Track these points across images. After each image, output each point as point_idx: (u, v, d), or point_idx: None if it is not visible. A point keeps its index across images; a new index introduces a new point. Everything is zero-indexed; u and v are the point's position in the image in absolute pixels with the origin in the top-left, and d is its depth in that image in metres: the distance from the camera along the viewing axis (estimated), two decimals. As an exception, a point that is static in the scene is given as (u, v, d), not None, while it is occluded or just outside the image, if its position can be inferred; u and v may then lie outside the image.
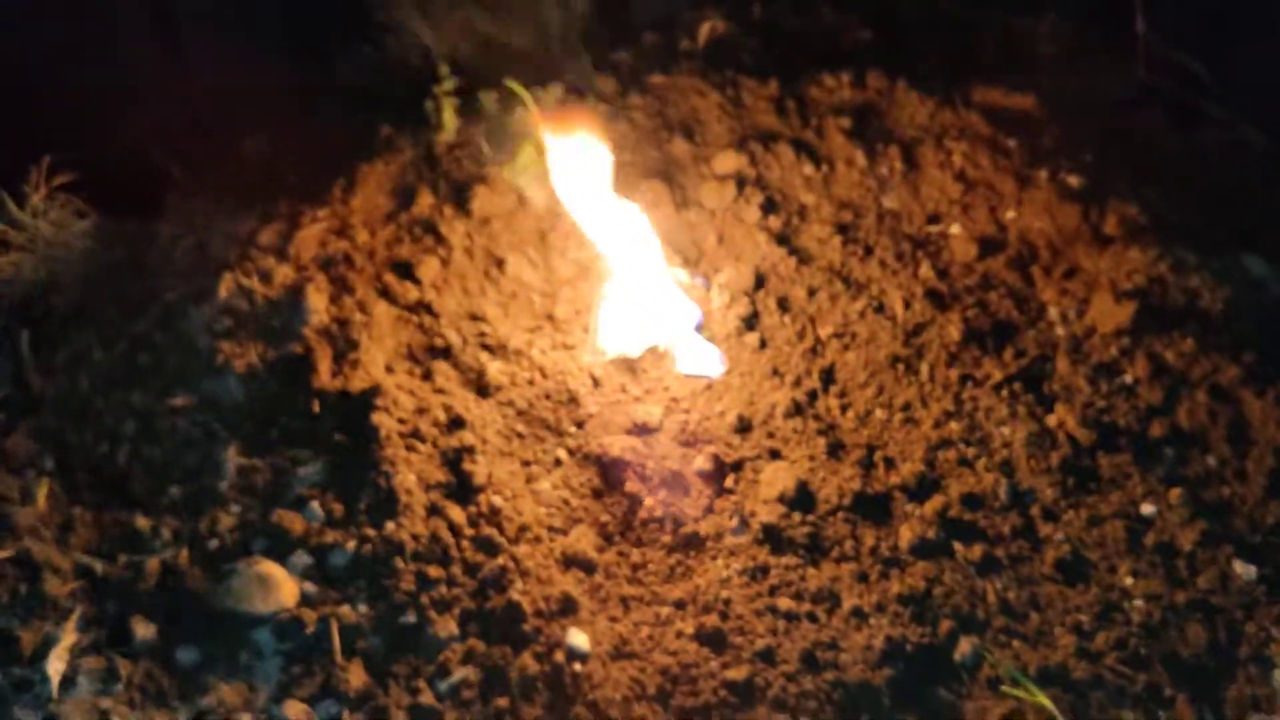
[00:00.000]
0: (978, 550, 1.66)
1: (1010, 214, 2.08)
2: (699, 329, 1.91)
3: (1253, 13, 2.58)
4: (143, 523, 1.70)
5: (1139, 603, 1.61)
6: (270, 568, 1.61)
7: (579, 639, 1.52)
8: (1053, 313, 1.95)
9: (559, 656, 1.50)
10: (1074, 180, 2.12)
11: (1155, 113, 2.44)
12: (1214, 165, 2.35)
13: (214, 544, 1.67)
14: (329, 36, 2.48)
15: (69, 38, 2.42)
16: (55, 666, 1.53)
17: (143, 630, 1.59)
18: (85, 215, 2.20)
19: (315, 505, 1.68)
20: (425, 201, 2.07)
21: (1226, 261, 2.05)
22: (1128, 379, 1.85)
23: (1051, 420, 1.80)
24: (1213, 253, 2.06)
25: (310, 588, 1.60)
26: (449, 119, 2.20)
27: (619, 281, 1.90)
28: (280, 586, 1.59)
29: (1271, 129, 2.43)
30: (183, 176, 2.28)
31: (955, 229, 2.07)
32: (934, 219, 2.10)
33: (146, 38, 2.53)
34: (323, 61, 2.49)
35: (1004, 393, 1.83)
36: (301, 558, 1.63)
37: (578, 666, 1.50)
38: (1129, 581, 1.63)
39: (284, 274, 1.96)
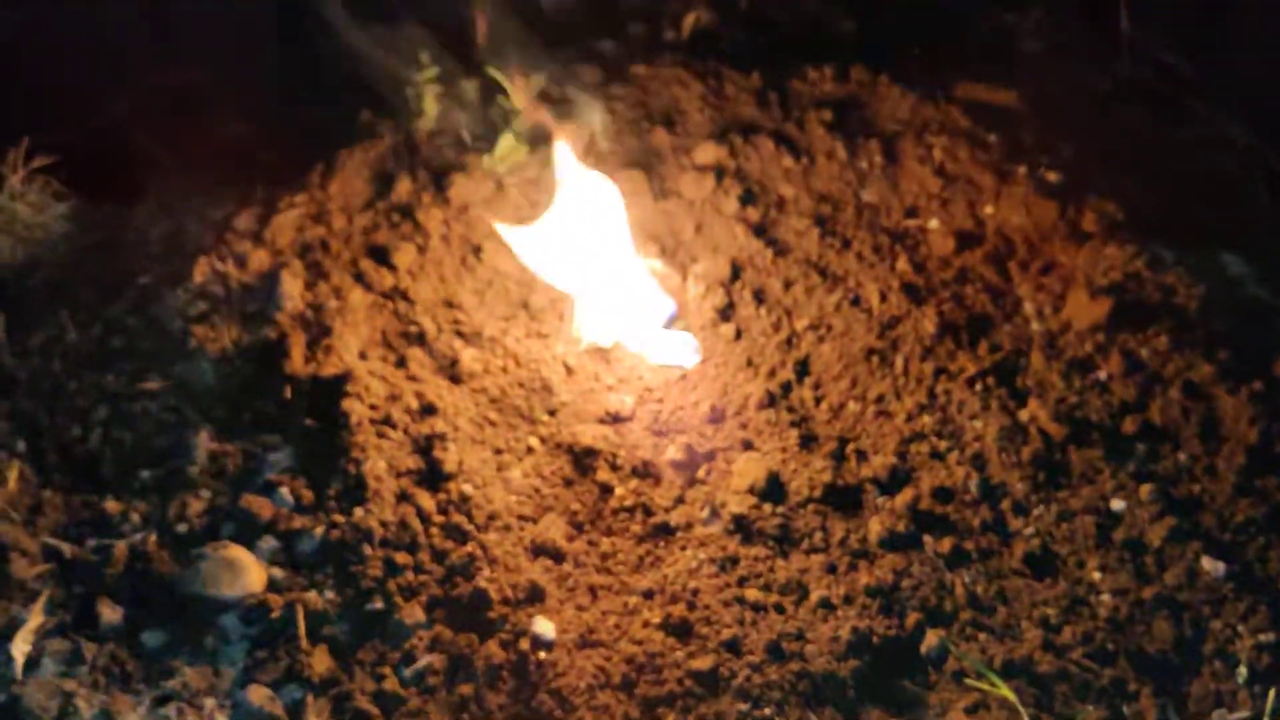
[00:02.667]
0: (947, 543, 1.65)
1: (989, 209, 2.08)
2: (674, 319, 1.91)
3: (1237, 11, 2.59)
4: (112, 506, 1.69)
5: (1106, 598, 1.61)
6: (238, 552, 1.60)
7: (545, 627, 1.52)
8: (1028, 308, 1.95)
9: (524, 644, 1.50)
10: (1053, 176, 2.12)
11: (1138, 109, 2.44)
12: (1195, 161, 2.35)
13: (183, 528, 1.66)
14: (312, 28, 2.48)
15: (51, 21, 2.41)
16: (20, 648, 1.52)
17: (109, 613, 1.58)
18: (64, 198, 2.20)
19: (285, 490, 1.68)
20: (404, 188, 2.07)
21: (1203, 258, 2.05)
22: (1101, 375, 1.85)
23: (1024, 415, 1.80)
24: (1190, 249, 2.06)
25: (278, 573, 1.60)
26: (430, 106, 2.19)
27: (595, 270, 1.89)
28: (248, 571, 1.59)
29: (1254, 125, 2.44)
30: (162, 162, 2.27)
31: (933, 223, 2.07)
32: (912, 213, 2.10)
33: (129, 23, 2.53)
34: (306, 52, 2.49)
35: (977, 387, 1.83)
36: (269, 543, 1.63)
37: (543, 654, 1.49)
38: (1097, 576, 1.64)
39: (259, 259, 1.95)
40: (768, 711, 1.46)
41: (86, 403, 1.86)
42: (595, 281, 1.85)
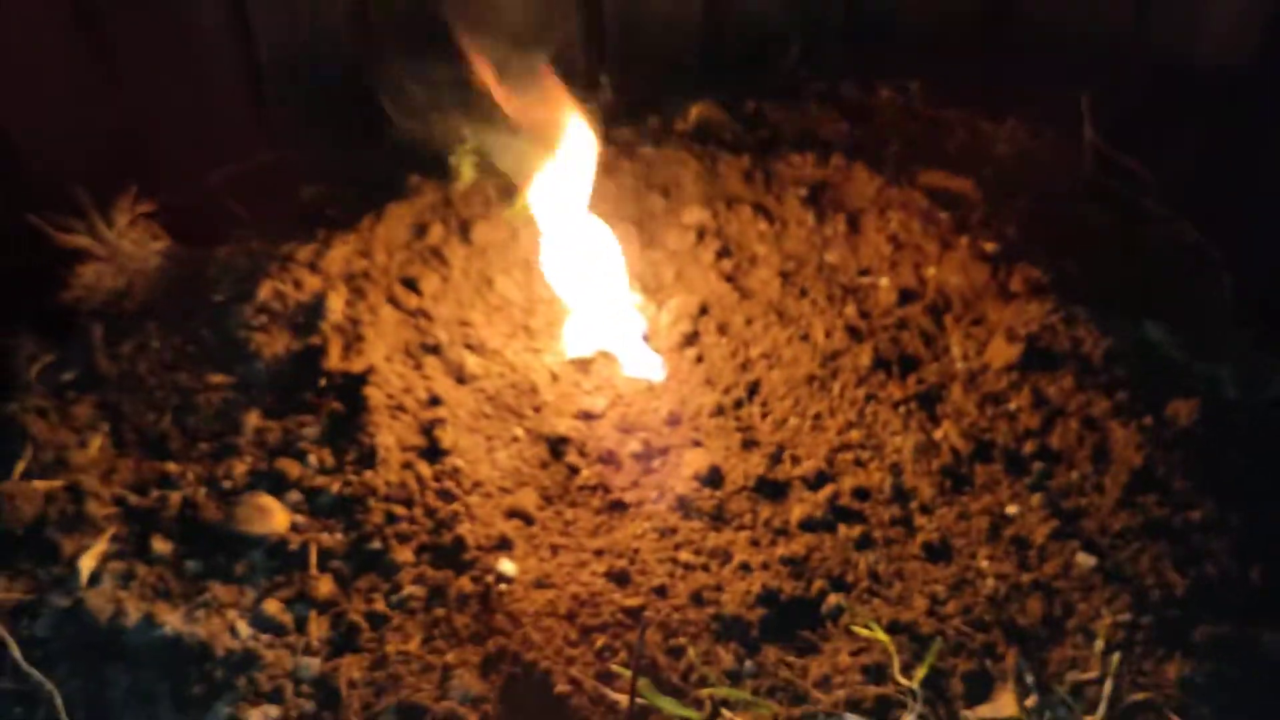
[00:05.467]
0: (857, 530, 1.94)
1: (931, 271, 2.41)
2: (646, 341, 2.26)
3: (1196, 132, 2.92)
4: (172, 467, 2.07)
5: (990, 580, 1.88)
6: (268, 500, 1.97)
7: (508, 566, 1.85)
8: (955, 351, 2.25)
9: (489, 579, 1.82)
10: (990, 246, 2.44)
11: (1090, 205, 2.76)
12: (1144, 253, 2.65)
13: (228, 484, 2.03)
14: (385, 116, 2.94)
15: (176, 103, 2.90)
16: (86, 564, 1.90)
17: (160, 546, 1.95)
18: (160, 239, 2.64)
19: (311, 457, 2.04)
20: (436, 233, 2.48)
21: (1125, 322, 2.33)
22: (1011, 406, 2.14)
23: (938, 434, 2.10)
24: (1112, 314, 2.34)
25: (299, 519, 1.95)
26: (466, 171, 2.62)
27: (585, 298, 2.26)
28: (275, 515, 1.95)
29: (1205, 227, 2.74)
30: (249, 217, 2.72)
31: (883, 281, 2.40)
32: (865, 272, 2.43)
33: (236, 111, 3.02)
34: (376, 130, 2.94)
35: (901, 410, 2.14)
36: (295, 496, 1.99)
37: (504, 587, 1.82)
38: (985, 564, 1.91)
39: (313, 283, 2.36)
40: (682, 641, 1.75)
41: (162, 395, 2.25)
42: (584, 305, 2.23)
